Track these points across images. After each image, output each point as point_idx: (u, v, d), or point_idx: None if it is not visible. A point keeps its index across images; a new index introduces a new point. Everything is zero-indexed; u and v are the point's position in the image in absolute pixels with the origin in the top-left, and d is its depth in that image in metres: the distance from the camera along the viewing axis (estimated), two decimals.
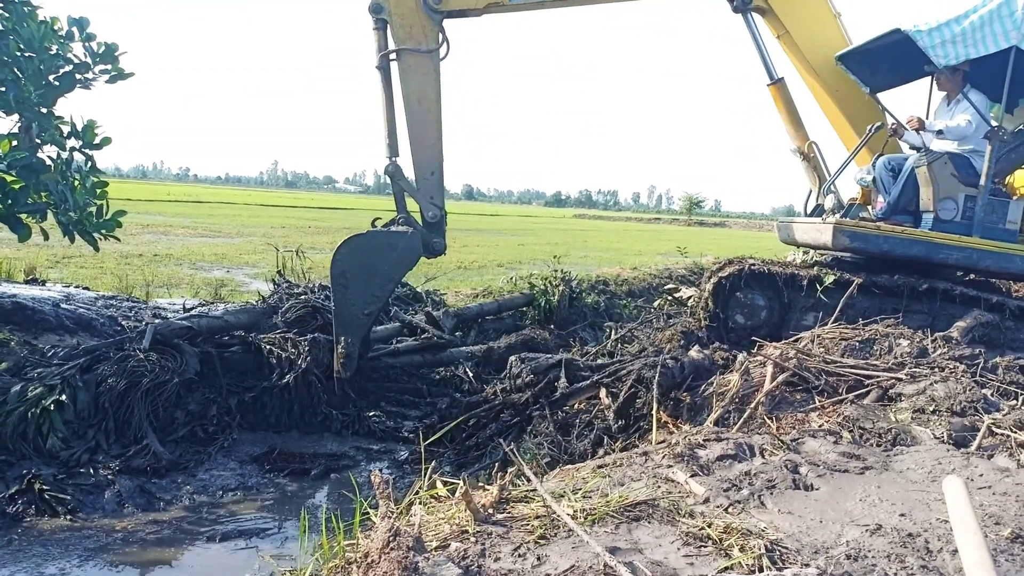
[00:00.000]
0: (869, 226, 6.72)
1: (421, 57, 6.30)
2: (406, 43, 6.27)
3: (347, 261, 6.17)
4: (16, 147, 5.71)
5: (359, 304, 6.18)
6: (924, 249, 6.56)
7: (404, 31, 6.27)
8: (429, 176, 6.42)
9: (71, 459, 5.18)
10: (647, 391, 5.12)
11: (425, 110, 6.35)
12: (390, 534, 2.25)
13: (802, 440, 3.70)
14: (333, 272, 6.20)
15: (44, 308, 7.26)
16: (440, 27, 6.32)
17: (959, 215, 6.61)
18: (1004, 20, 6.05)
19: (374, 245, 6.31)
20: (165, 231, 22.36)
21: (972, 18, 6.13)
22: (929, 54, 6.23)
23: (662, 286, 13.32)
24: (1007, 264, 6.53)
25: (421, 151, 6.40)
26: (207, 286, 11.64)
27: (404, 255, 6.24)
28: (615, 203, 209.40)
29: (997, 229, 6.55)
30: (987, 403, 4.24)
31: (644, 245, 29.87)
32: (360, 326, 6.27)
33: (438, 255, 6.63)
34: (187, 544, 4.54)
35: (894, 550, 2.46)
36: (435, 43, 6.29)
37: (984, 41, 6.11)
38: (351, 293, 6.18)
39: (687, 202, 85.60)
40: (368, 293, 6.19)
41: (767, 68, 7.50)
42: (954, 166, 6.66)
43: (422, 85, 6.34)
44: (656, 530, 2.60)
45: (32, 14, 5.83)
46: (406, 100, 6.38)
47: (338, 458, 6.13)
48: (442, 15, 6.31)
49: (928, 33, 6.20)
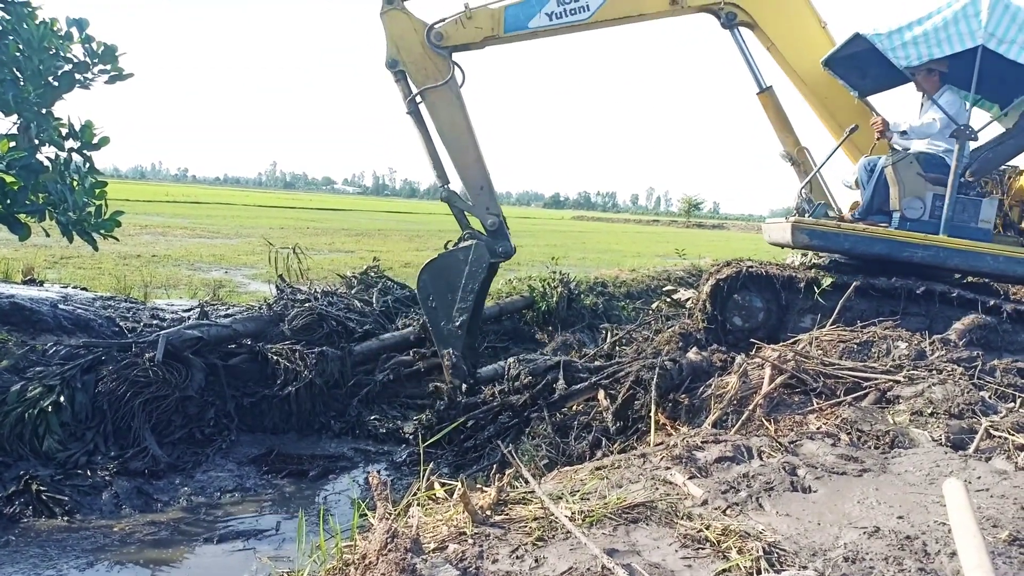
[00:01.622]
0: (829, 224, 6.76)
1: (441, 91, 6.93)
2: (425, 83, 6.93)
3: (430, 285, 6.99)
4: (15, 147, 5.69)
5: (449, 320, 6.89)
6: (887, 247, 6.57)
7: (420, 74, 6.94)
8: (479, 191, 7.06)
9: (69, 460, 5.17)
10: (645, 393, 5.12)
11: (459, 135, 7.01)
12: (388, 536, 2.25)
13: (800, 442, 3.70)
14: (421, 297, 7.05)
15: (42, 308, 7.24)
16: (450, 59, 6.93)
17: (927, 214, 6.61)
18: (970, 20, 6.06)
19: (447, 264, 7.02)
20: (163, 232, 22.34)
21: (935, 19, 6.16)
22: (889, 56, 6.29)
23: (660, 288, 13.33)
24: (977, 263, 6.49)
25: (466, 171, 7.07)
26: (205, 287, 11.62)
27: (473, 266, 6.91)
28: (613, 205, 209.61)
29: (969, 228, 6.53)
30: (985, 405, 4.24)
31: (642, 247, 29.88)
32: (456, 339, 6.86)
33: (509, 256, 7.21)
34: (184, 545, 4.54)
35: (892, 552, 2.46)
36: (448, 74, 6.90)
37: (948, 41, 6.12)
38: (440, 312, 6.93)
39: (685, 204, 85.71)
40: (454, 308, 6.89)
41: (756, 79, 7.61)
42: (922, 165, 6.68)
43: (450, 114, 6.98)
44: (654, 532, 2.60)
45: (32, 14, 5.82)
46: (440, 132, 7.04)
47: (336, 459, 6.13)
48: (448, 50, 6.92)
49: (888, 36, 6.27)
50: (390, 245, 22.63)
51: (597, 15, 6.99)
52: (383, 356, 7.95)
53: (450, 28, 6.92)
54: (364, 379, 7.47)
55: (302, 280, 10.85)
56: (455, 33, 6.94)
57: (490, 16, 6.95)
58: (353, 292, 9.90)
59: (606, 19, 7.03)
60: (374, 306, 9.36)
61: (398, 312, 9.46)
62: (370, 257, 12.51)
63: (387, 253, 18.56)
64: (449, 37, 6.91)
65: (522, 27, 7.03)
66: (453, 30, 6.93)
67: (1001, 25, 6.00)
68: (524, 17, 7.01)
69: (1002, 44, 6.00)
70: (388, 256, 17.44)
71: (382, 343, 8.16)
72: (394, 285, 10.57)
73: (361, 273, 10.87)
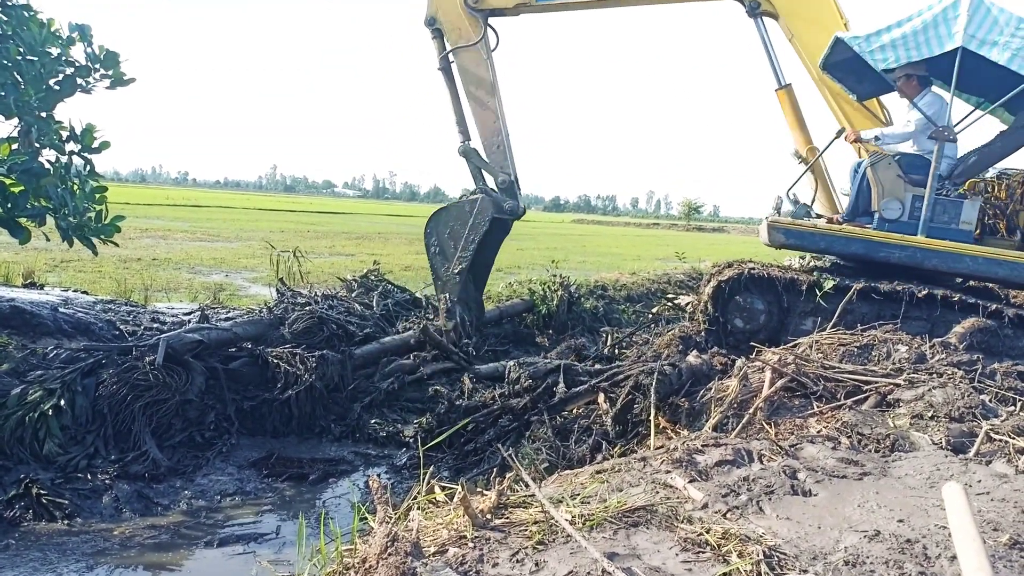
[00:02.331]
0: (805, 224, 6.84)
1: (472, 50, 7.51)
2: (458, 43, 7.52)
3: (435, 232, 7.60)
4: (16, 151, 5.70)
5: (452, 265, 7.54)
6: (864, 247, 6.65)
7: (455, 33, 7.55)
8: (495, 149, 7.64)
9: (69, 464, 5.17)
10: (645, 397, 5.12)
11: (484, 94, 7.55)
12: (388, 539, 2.25)
13: (800, 446, 3.70)
14: (427, 243, 7.67)
15: (42, 312, 7.25)
16: (485, 23, 7.49)
17: (906, 215, 6.65)
18: (950, 22, 6.09)
19: (453, 215, 7.61)
20: (164, 235, 22.35)
21: (915, 22, 6.21)
22: (868, 59, 6.36)
23: (661, 291, 13.34)
24: (956, 264, 6.51)
25: (485, 128, 7.62)
26: (206, 290, 11.63)
27: (477, 218, 7.51)
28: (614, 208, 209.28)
29: (950, 229, 6.55)
30: (985, 409, 4.24)
31: (643, 250, 29.90)
32: (454, 284, 7.52)
33: (516, 215, 7.80)
34: (185, 549, 4.53)
35: (892, 556, 2.46)
36: (480, 35, 7.45)
37: (928, 43, 6.16)
38: (441, 259, 7.61)
39: (686, 207, 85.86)
40: (454, 256, 7.53)
41: (776, 73, 7.60)
42: (903, 167, 6.71)
43: (477, 74, 7.56)
44: (654, 536, 2.60)
45: (33, 18, 5.83)
46: (467, 90, 7.63)
47: (336, 463, 6.13)
48: (483, 13, 7.49)
49: (866, 39, 6.33)
50: (390, 248, 22.64)
51: None
52: (384, 360, 7.95)
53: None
54: (368, 386, 7.47)
55: (302, 283, 10.86)
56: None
57: None
58: (353, 295, 9.91)
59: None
60: (374, 309, 9.36)
61: (398, 315, 9.46)
62: (370, 260, 12.52)
63: (387, 256, 18.56)
64: (485, 0, 7.43)
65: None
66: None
67: (982, 27, 6.04)
68: None
69: (983, 46, 6.03)
70: (388, 259, 17.45)
71: (383, 346, 8.15)
72: (394, 289, 10.59)
73: (361, 276, 10.89)
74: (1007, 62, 5.96)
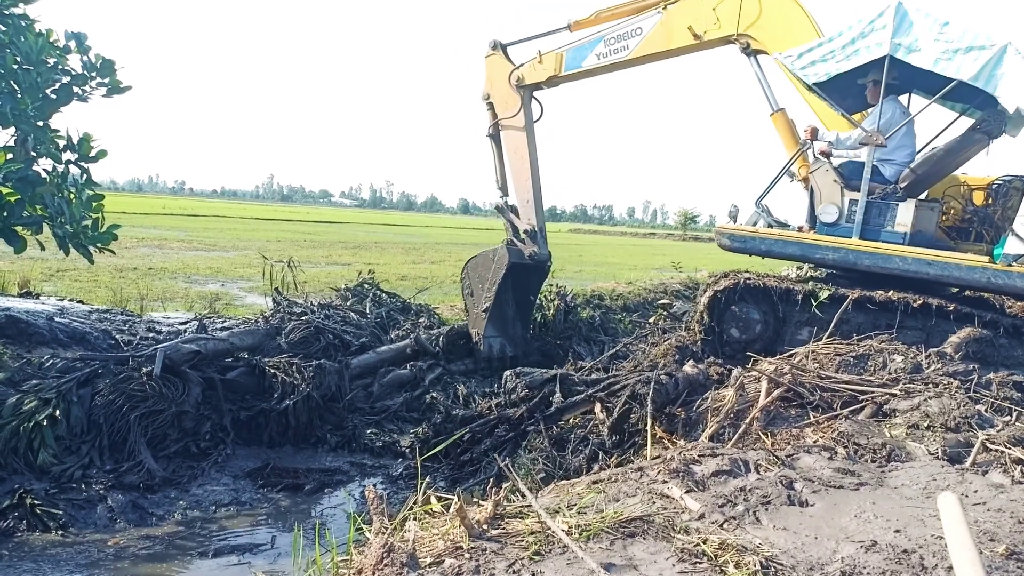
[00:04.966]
0: (747, 229, 7.23)
1: (513, 121, 8.99)
2: (504, 115, 9.03)
3: (467, 275, 9.04)
4: (12, 160, 5.69)
5: (479, 305, 8.80)
6: (800, 249, 6.95)
7: (503, 107, 9.06)
8: (525, 203, 9.04)
9: (63, 474, 5.15)
10: (641, 407, 5.12)
11: (520, 157, 8.99)
12: (384, 550, 2.24)
13: (797, 456, 3.70)
14: (462, 286, 9.20)
15: (38, 321, 7.23)
16: (525, 97, 8.90)
17: (843, 219, 6.83)
18: (878, 32, 6.28)
19: (480, 261, 9.02)
20: (160, 244, 22.33)
21: (845, 35, 6.42)
22: (798, 75, 6.72)
23: (657, 301, 13.35)
24: (886, 264, 6.61)
25: (519, 185, 9.07)
26: (202, 299, 11.61)
27: (498, 264, 8.79)
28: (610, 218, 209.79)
29: (884, 231, 6.71)
30: (981, 419, 4.25)
31: (639, 260, 29.94)
32: (481, 320, 8.76)
33: (539, 261, 9.06)
34: (179, 560, 4.51)
35: (889, 567, 2.46)
36: (518, 108, 8.89)
37: (857, 54, 6.36)
38: (472, 299, 8.93)
39: (682, 217, 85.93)
40: (483, 296, 8.79)
41: (769, 101, 7.76)
42: (838, 173, 6.88)
43: (515, 141, 9.04)
44: (651, 546, 2.59)
45: (30, 27, 5.84)
46: (507, 152, 9.13)
47: (332, 473, 6.11)
48: (527, 89, 8.90)
49: (798, 56, 6.63)
50: (387, 258, 22.65)
51: (635, 52, 8.12)
52: (381, 370, 7.96)
53: (526, 70, 8.84)
54: (367, 402, 7.49)
55: (298, 293, 10.86)
56: (529, 74, 8.83)
57: (555, 58, 8.64)
58: (348, 304, 9.94)
59: (643, 55, 8.12)
60: (369, 317, 9.41)
61: (392, 323, 9.52)
62: (366, 270, 12.53)
63: (384, 266, 18.57)
64: (525, 78, 8.84)
65: (577, 66, 8.53)
66: (528, 72, 8.83)
67: (909, 35, 6.16)
68: (579, 58, 8.51)
69: (910, 53, 6.16)
70: (384, 268, 17.45)
71: (380, 356, 8.17)
72: (386, 297, 10.70)
73: (355, 285, 10.93)
74: (932, 66, 6.08)
